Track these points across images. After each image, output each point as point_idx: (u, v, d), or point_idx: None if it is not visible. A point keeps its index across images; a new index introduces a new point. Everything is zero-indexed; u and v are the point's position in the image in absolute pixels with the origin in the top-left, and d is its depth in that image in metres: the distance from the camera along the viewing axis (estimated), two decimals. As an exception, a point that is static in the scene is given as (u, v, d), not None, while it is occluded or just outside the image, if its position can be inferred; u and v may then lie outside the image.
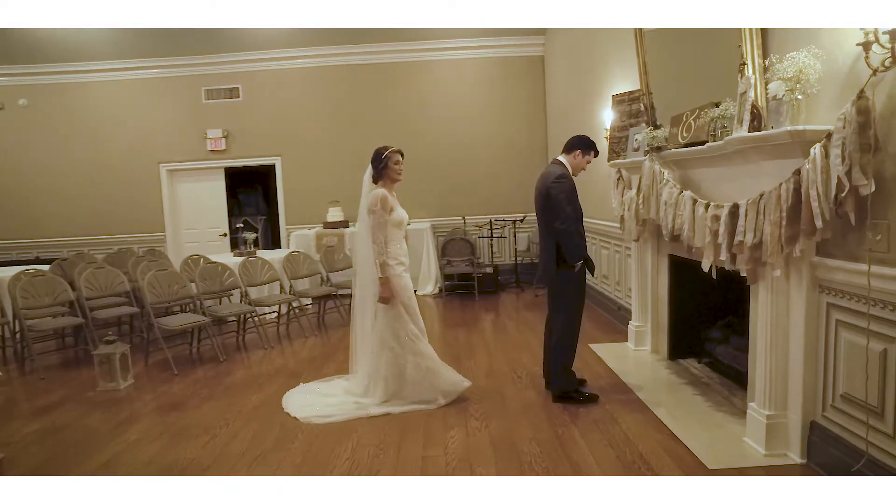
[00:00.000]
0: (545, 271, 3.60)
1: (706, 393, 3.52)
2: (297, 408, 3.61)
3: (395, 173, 3.57)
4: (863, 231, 2.20)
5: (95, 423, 3.57)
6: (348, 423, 3.38)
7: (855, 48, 2.17)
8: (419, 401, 3.53)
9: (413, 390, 3.54)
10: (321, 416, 3.47)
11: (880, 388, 2.20)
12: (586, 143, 3.61)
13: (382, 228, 3.47)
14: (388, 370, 3.54)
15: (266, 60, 8.16)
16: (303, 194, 8.39)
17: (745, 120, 2.61)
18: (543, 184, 3.51)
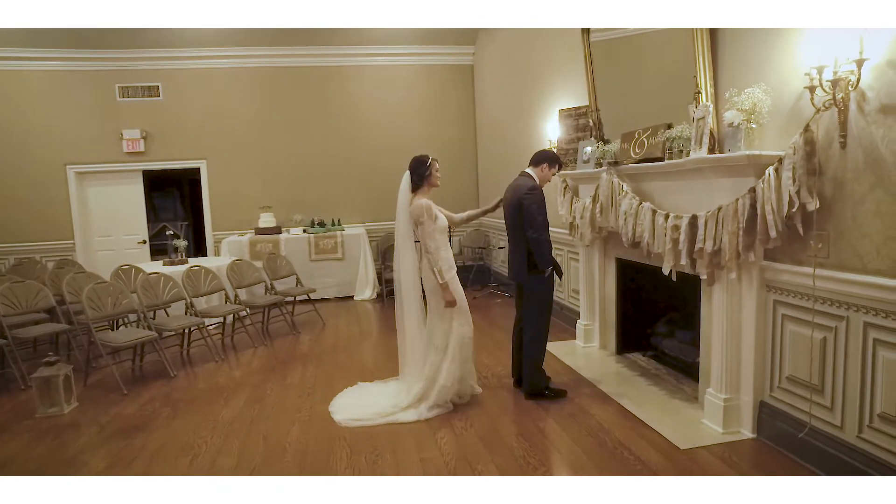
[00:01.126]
0: (517, 275, 3.84)
1: (659, 383, 3.94)
2: (336, 407, 3.77)
3: (436, 180, 3.68)
4: (806, 240, 2.64)
5: (48, 454, 3.30)
6: (335, 433, 3.41)
7: (798, 88, 2.61)
8: (440, 404, 3.64)
9: (439, 394, 3.64)
10: (354, 419, 3.55)
11: (821, 369, 2.65)
12: (553, 158, 3.90)
13: (432, 236, 3.53)
14: (430, 372, 3.65)
15: (189, 59, 7.75)
16: (231, 199, 8.07)
17: (705, 143, 3.00)
18: (515, 195, 3.74)
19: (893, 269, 2.27)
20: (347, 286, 7.70)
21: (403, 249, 3.77)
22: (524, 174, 3.85)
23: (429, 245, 3.54)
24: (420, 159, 3.67)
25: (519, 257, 3.78)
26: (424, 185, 3.65)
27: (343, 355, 5.08)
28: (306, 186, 8.25)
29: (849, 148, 2.42)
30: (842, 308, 2.52)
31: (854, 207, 2.42)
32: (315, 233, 7.58)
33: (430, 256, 3.55)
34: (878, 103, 2.28)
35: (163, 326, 4.70)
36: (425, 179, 3.64)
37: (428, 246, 3.55)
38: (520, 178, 3.84)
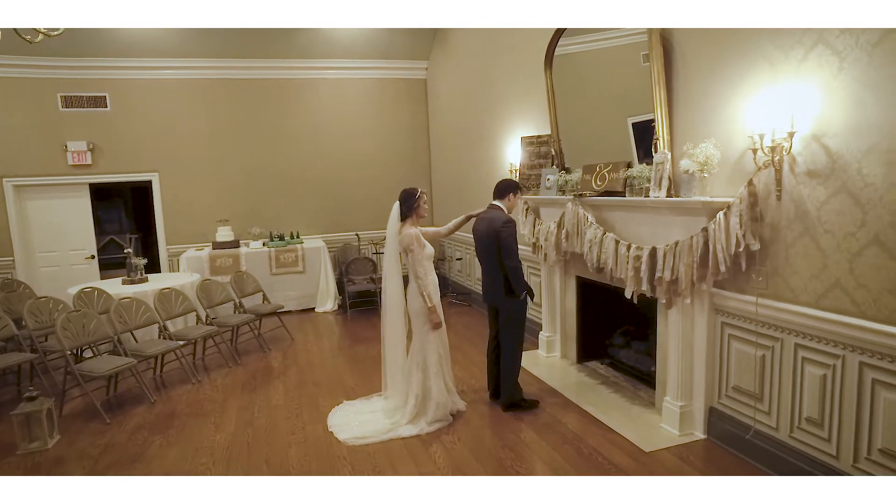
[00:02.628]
0: (493, 298, 4.18)
1: (619, 390, 4.42)
2: (338, 428, 3.96)
3: (423, 211, 3.97)
4: (749, 274, 3.15)
5: (48, 489, 3.33)
6: (333, 453, 3.64)
7: (742, 146, 3.11)
8: (440, 419, 3.94)
9: (437, 409, 3.93)
10: (358, 437, 3.78)
11: (761, 380, 3.17)
12: (516, 186, 4.26)
13: (421, 263, 3.82)
14: (419, 389, 3.92)
15: (138, 69, 7.56)
16: (185, 213, 7.96)
17: (664, 185, 3.47)
18: (491, 227, 4.07)
19: (817, 301, 2.80)
20: (309, 298, 7.80)
21: (390, 273, 4.06)
22: (494, 207, 4.17)
23: (418, 271, 3.83)
24: (409, 191, 3.94)
25: (495, 283, 4.13)
26: (413, 215, 3.94)
27: (319, 372, 5.26)
28: (263, 199, 8.26)
29: (783, 201, 2.92)
30: (777, 331, 3.04)
31: (787, 250, 2.94)
32: (275, 246, 7.63)
33: (419, 282, 3.83)
34: (805, 168, 2.79)
35: (140, 352, 4.70)
36: (413, 210, 3.93)
37: (417, 272, 3.83)
38: (492, 212, 4.15)
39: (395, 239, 3.94)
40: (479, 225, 4.21)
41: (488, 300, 4.26)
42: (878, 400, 2.57)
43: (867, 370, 2.60)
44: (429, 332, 3.94)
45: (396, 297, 4.05)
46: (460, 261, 8.06)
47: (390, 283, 4.07)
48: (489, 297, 4.25)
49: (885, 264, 2.47)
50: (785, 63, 2.84)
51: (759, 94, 2.98)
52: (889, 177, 2.42)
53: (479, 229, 4.21)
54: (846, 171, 2.60)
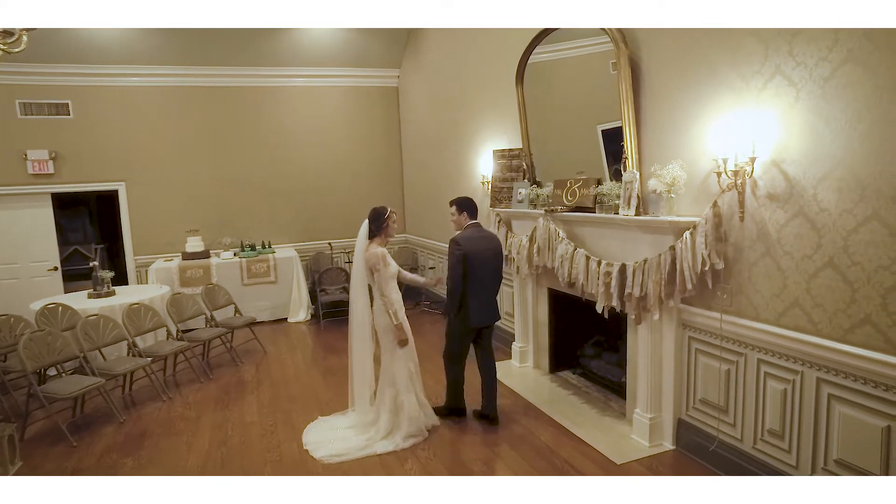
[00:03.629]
0: (494, 317, 4.19)
1: (590, 401, 4.52)
2: (313, 446, 3.94)
3: (393, 231, 3.99)
4: (714, 291, 3.27)
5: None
6: (310, 471, 3.63)
7: (706, 167, 3.23)
8: (414, 433, 3.96)
9: (410, 424, 3.95)
10: (334, 454, 3.78)
11: (726, 393, 3.30)
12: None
13: (387, 282, 3.85)
14: (391, 405, 3.95)
15: (103, 76, 7.37)
16: (153, 223, 7.79)
17: (633, 204, 3.57)
18: (493, 244, 4.12)
19: (777, 319, 2.93)
20: (281, 308, 7.73)
21: (357, 292, 4.09)
22: (479, 225, 4.17)
23: (384, 289, 3.87)
24: (378, 211, 3.97)
25: (495, 302, 4.17)
26: (381, 234, 3.96)
27: (293, 386, 5.23)
28: (233, 208, 8.16)
29: (746, 222, 3.05)
30: (741, 346, 3.17)
31: (750, 269, 3.06)
32: (247, 257, 7.53)
33: (385, 300, 3.86)
34: (765, 191, 2.92)
35: (108, 371, 4.60)
36: (382, 230, 3.96)
37: (383, 290, 3.87)
38: (483, 231, 4.14)
39: (362, 256, 3.97)
40: (478, 245, 4.01)
41: (490, 320, 4.15)
42: (833, 413, 2.71)
43: (824, 385, 2.73)
44: (397, 348, 3.97)
45: (363, 313, 4.07)
46: (433, 269, 8.10)
47: (357, 300, 4.09)
48: (491, 317, 4.15)
49: (838, 286, 2.60)
50: (746, 91, 2.97)
51: (723, 119, 3.10)
52: (841, 203, 2.56)
53: (481, 250, 4.00)
54: (803, 197, 2.73)
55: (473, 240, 4.03)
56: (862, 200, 2.47)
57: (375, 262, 3.86)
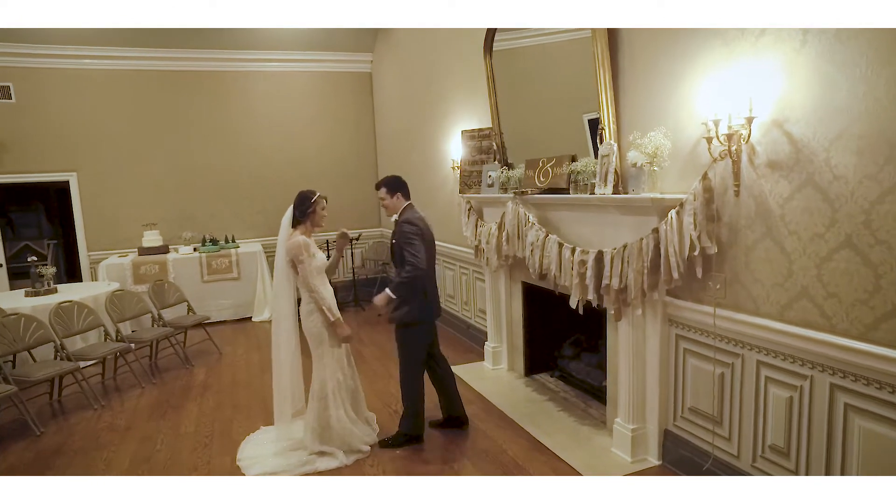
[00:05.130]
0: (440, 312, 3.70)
1: (568, 408, 4.01)
2: (247, 462, 3.46)
3: (320, 219, 3.44)
4: (705, 281, 2.77)
5: None
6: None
7: (695, 135, 2.72)
8: (351, 449, 3.45)
9: (339, 438, 3.44)
10: (269, 472, 3.29)
11: (720, 402, 2.79)
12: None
13: (312, 275, 3.31)
14: (315, 421, 3.43)
15: (51, 56, 6.82)
16: (108, 216, 7.25)
17: (610, 181, 3.06)
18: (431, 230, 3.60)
19: (781, 313, 2.43)
20: (245, 307, 7.21)
21: (280, 288, 3.53)
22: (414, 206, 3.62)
23: (311, 284, 3.33)
24: (305, 195, 3.46)
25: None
26: (306, 221, 3.43)
27: (243, 391, 4.72)
28: (195, 201, 7.62)
29: (742, 197, 2.55)
30: (738, 346, 2.67)
31: (747, 253, 2.56)
32: (207, 251, 7.01)
33: (314, 296, 3.35)
34: (765, 158, 2.42)
35: (25, 377, 4.08)
36: (308, 216, 3.42)
37: (310, 285, 3.34)
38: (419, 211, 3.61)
39: (283, 247, 3.42)
40: (427, 226, 3.53)
41: (440, 314, 3.71)
42: (851, 428, 2.21)
43: (839, 393, 2.23)
44: (323, 356, 3.44)
45: (288, 314, 3.51)
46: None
47: (281, 299, 3.53)
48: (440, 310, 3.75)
49: (858, 270, 2.10)
50: (741, 39, 2.46)
51: (714, 74, 2.60)
52: (861, 168, 2.06)
53: (428, 232, 3.53)
54: (812, 162, 2.23)
55: (423, 220, 3.52)
56: (889, 163, 1.97)
57: (297, 252, 3.31)
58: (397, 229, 3.44)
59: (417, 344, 3.53)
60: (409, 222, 3.41)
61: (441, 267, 6.41)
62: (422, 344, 3.55)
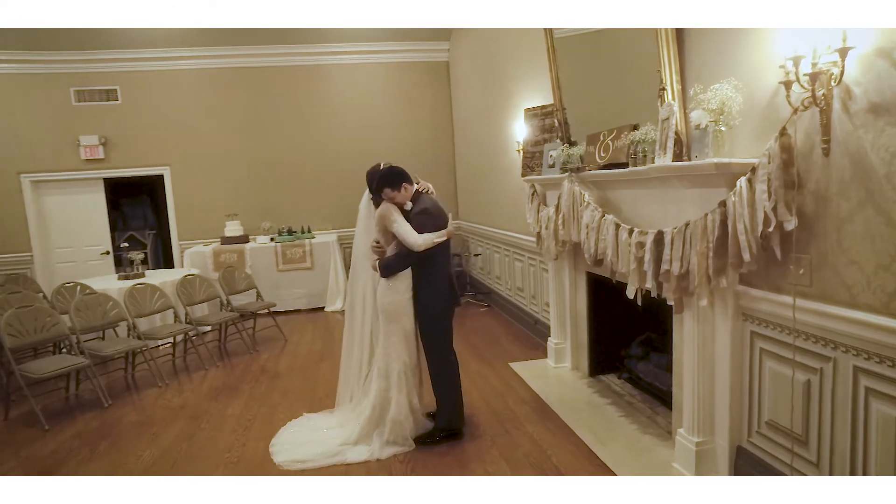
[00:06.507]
0: None
1: (630, 413, 3.53)
2: (279, 447, 3.37)
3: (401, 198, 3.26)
4: (786, 264, 2.23)
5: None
6: (261, 473, 3.02)
7: (773, 83, 2.20)
8: (397, 442, 3.27)
9: (393, 429, 3.27)
10: (298, 460, 3.19)
11: (804, 417, 2.24)
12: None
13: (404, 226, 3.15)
14: (377, 399, 3.31)
15: (149, 60, 7.34)
16: (196, 207, 7.67)
17: (670, 148, 2.59)
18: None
19: (886, 305, 1.86)
20: (318, 297, 7.30)
21: (361, 269, 3.54)
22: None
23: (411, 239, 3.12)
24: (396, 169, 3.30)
25: None
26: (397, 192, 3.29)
27: (296, 378, 4.69)
28: (275, 192, 7.86)
29: (833, 156, 2.00)
30: (828, 347, 2.11)
31: (840, 228, 2.01)
32: (282, 241, 7.18)
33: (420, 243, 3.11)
34: (866, 101, 1.86)
35: (97, 352, 4.32)
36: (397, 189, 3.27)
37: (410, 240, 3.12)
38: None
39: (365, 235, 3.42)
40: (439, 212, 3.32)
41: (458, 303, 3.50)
42: (984, 461, 1.62)
43: (966, 413, 1.65)
44: (392, 335, 3.29)
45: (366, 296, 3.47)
46: (479, 256, 7.30)
47: (358, 284, 3.53)
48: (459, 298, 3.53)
49: None
50: (833, -48, 1.92)
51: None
52: None
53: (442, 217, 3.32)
54: (929, 101, 1.67)
55: (437, 206, 3.31)
56: None
57: (387, 213, 3.20)
58: (411, 219, 3.21)
59: (444, 333, 3.31)
60: (424, 212, 3.23)
61: (510, 258, 6.07)
62: (448, 333, 3.33)
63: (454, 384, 3.42)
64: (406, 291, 3.31)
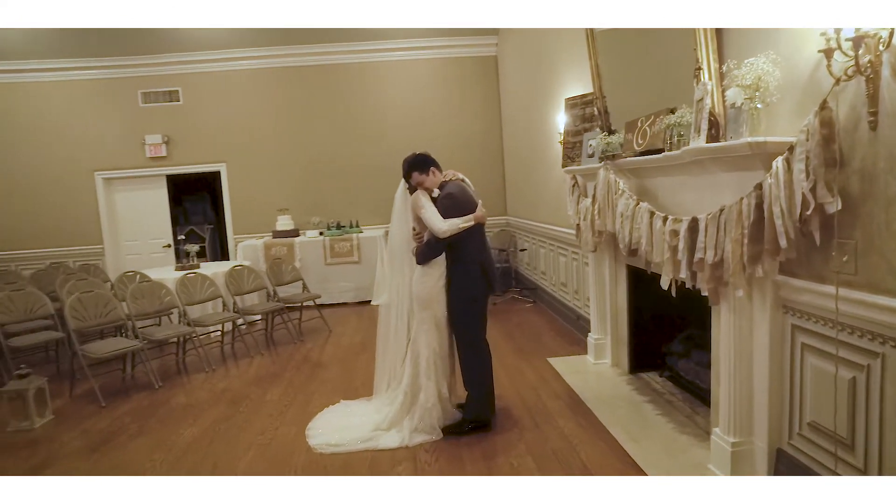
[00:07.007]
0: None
1: (669, 412, 3.37)
2: (315, 431, 3.44)
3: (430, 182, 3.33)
4: (828, 251, 2.05)
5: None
6: (286, 462, 3.09)
7: (815, 54, 2.02)
8: (425, 430, 3.28)
9: (422, 416, 3.30)
10: (331, 444, 3.26)
11: (850, 418, 2.05)
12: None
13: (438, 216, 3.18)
14: (408, 386, 3.35)
15: (207, 62, 7.71)
16: (250, 202, 7.98)
17: (703, 129, 2.44)
18: None
19: (940, 292, 1.67)
20: (365, 290, 7.42)
21: (395, 258, 3.59)
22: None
23: (438, 226, 3.15)
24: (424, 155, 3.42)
25: None
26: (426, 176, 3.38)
27: (336, 367, 4.78)
28: (325, 188, 8.05)
29: (881, 129, 1.82)
30: (875, 342, 1.92)
31: (889, 209, 1.82)
32: (330, 235, 7.35)
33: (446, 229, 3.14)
34: (917, 67, 1.68)
35: (149, 336, 4.56)
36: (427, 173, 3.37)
37: (437, 226, 3.15)
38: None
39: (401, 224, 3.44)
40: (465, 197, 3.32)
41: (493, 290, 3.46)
42: None
43: None
44: (425, 321, 3.30)
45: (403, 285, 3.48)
46: (525, 251, 7.19)
47: (394, 267, 3.59)
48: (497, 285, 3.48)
49: None
50: None
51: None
52: None
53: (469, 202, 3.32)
54: None
55: (464, 190, 3.31)
56: None
57: (416, 199, 3.27)
58: (437, 204, 3.24)
59: (475, 323, 3.25)
60: (448, 197, 3.25)
61: (554, 253, 5.94)
62: (480, 323, 3.26)
63: (484, 375, 3.38)
64: (439, 279, 3.31)
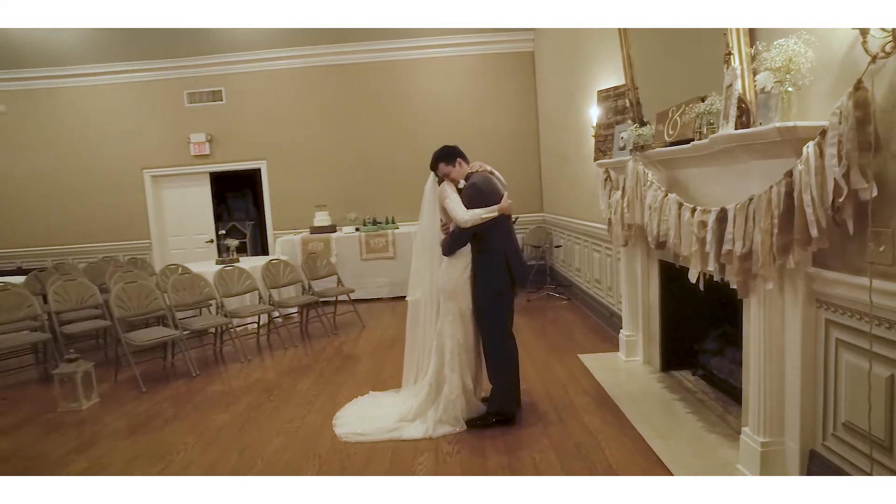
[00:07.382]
0: None
1: (700, 411, 3.26)
2: (342, 420, 3.52)
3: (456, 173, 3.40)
4: (863, 240, 1.94)
5: (47, 449, 3.36)
6: (312, 449, 3.16)
7: (851, 32, 1.92)
8: (448, 422, 3.31)
9: (446, 408, 3.32)
10: (357, 433, 3.32)
11: (887, 418, 1.94)
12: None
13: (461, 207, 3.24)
14: (433, 377, 3.38)
15: (249, 62, 7.94)
16: (289, 198, 8.18)
17: (732, 116, 2.35)
18: None
19: (983, 283, 1.56)
20: (400, 286, 7.45)
21: (424, 251, 3.62)
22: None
23: (461, 217, 3.20)
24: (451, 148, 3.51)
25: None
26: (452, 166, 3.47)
27: (366, 360, 4.85)
28: (361, 184, 8.16)
29: (918, 111, 1.71)
30: (913, 336, 1.81)
31: (926, 195, 1.72)
32: (366, 231, 7.45)
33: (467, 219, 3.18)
34: (957, 43, 1.57)
35: (187, 326, 4.74)
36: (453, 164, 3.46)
37: (461, 217, 3.20)
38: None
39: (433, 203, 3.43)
40: (489, 188, 3.34)
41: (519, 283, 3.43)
42: None
43: None
44: (449, 312, 3.32)
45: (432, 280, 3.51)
46: (560, 248, 7.09)
47: (422, 259, 3.62)
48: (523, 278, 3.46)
49: None
50: None
51: None
52: None
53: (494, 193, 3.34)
54: None
55: (488, 181, 3.32)
56: None
57: (442, 190, 3.33)
58: (461, 194, 3.28)
59: (500, 315, 3.23)
60: (472, 187, 3.29)
61: (588, 249, 5.85)
62: (504, 316, 3.24)
63: (509, 369, 3.37)
64: (465, 270, 3.32)
